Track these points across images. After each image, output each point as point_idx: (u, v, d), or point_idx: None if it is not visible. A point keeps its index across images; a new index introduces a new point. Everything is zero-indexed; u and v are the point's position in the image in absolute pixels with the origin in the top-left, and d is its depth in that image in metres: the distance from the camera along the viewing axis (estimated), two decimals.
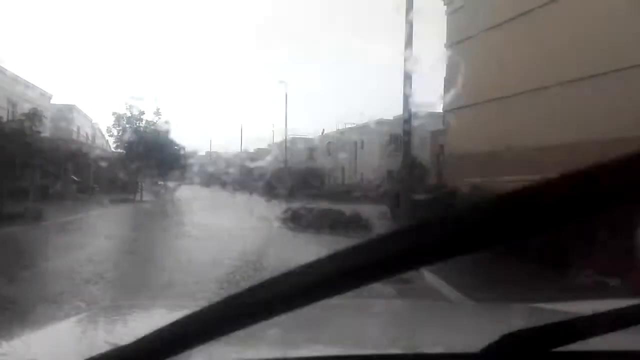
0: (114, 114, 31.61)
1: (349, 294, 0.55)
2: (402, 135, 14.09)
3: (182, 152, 48.07)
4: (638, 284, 5.21)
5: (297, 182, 44.49)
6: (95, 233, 13.97)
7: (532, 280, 7.00)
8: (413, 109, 13.68)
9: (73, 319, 1.79)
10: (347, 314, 1.92)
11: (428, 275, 8.41)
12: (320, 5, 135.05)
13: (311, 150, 56.30)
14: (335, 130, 52.93)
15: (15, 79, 30.70)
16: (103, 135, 51.17)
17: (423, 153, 29.11)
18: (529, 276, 7.37)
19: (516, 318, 1.88)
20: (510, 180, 12.22)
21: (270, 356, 1.17)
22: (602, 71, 11.47)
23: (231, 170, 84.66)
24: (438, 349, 1.15)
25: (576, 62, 12.14)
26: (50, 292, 6.51)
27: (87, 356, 0.74)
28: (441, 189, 14.52)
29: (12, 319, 5.21)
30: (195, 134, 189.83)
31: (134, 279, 7.95)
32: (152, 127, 32.64)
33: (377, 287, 7.42)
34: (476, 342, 1.13)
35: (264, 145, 75.45)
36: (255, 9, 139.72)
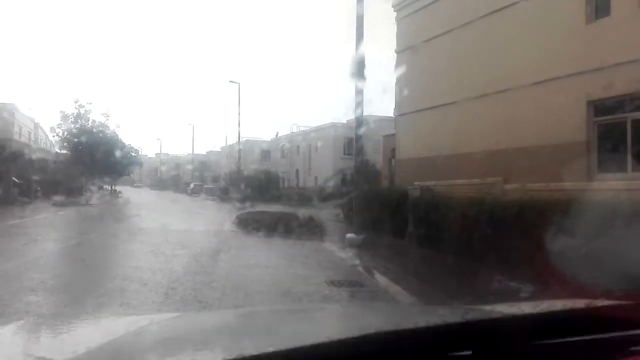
0: (60, 112, 30.44)
1: (303, 299, 0.56)
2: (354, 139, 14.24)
3: (131, 154, 46.75)
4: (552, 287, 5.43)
5: (251, 185, 44.13)
6: (38, 238, 13.35)
7: (478, 283, 7.20)
8: (366, 114, 13.85)
9: (7, 327, 1.72)
10: (298, 320, 1.93)
11: (379, 277, 8.54)
12: (276, 5, 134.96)
13: (265, 153, 56.00)
14: (289, 132, 52.91)
15: None
16: (47, 136, 49.10)
17: (375, 156, 29.60)
18: (477, 279, 7.56)
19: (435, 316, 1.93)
20: (456, 184, 12.66)
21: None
22: (538, 80, 12.08)
23: (182, 173, 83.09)
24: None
25: (520, 69, 12.68)
26: None
27: None
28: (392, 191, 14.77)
29: None
30: (145, 135, 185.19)
31: (77, 286, 7.65)
32: (100, 128, 31.54)
33: (327, 290, 7.48)
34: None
35: (216, 148, 74.71)
36: (208, 7, 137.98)
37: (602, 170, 10.85)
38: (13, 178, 30.88)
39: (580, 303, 1.65)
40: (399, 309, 2.73)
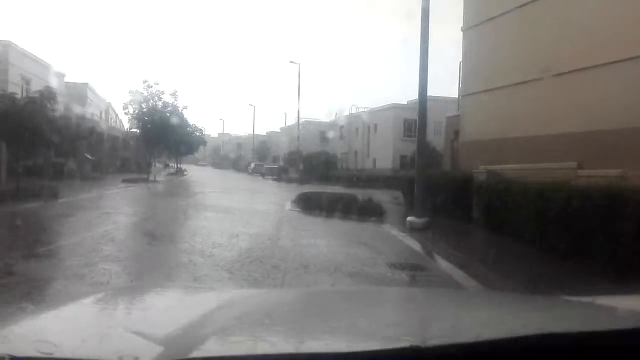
0: (130, 92, 31.65)
1: (363, 280, 0.50)
2: (416, 120, 13.88)
3: (196, 133, 48.18)
4: None
5: (310, 165, 44.44)
6: (109, 212, 14.06)
7: (552, 274, 6.84)
8: (428, 94, 13.44)
9: (86, 300, 1.76)
10: (361, 302, 1.89)
11: (441, 261, 8.34)
12: None
13: (324, 134, 56.03)
14: (348, 114, 52.63)
15: (29, 57, 30.78)
16: (117, 115, 51.45)
17: (437, 138, 28.90)
18: (550, 270, 7.21)
19: (537, 310, 1.79)
20: (525, 168, 12.08)
21: (284, 350, 1.15)
22: (621, 58, 11.21)
23: (243, 152, 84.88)
24: (446, 340, 1.11)
25: (598, 48, 11.86)
26: (66, 269, 6.56)
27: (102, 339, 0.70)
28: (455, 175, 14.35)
29: (28, 295, 5.26)
30: (208, 115, 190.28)
31: (148, 258, 7.99)
32: (169, 107, 32.61)
33: (388, 272, 7.40)
34: (495, 332, 1.08)
35: (276, 129, 75.57)
36: None
37: None
38: (86, 154, 32.64)
39: None
40: (493, 297, 2.53)
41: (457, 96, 23.02)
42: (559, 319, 1.53)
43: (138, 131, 35.25)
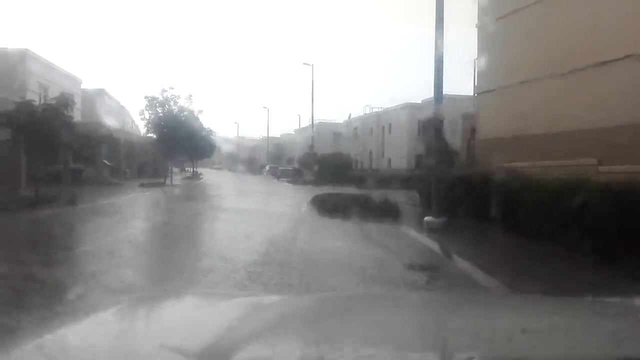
0: (146, 97, 31.86)
1: (381, 282, 0.46)
2: (432, 119, 13.75)
3: (212, 137, 48.46)
4: None
5: (324, 167, 44.43)
6: (128, 217, 14.20)
7: (578, 272, 6.67)
8: (443, 92, 13.30)
9: (109, 311, 1.71)
10: (380, 306, 1.84)
11: (460, 262, 8.24)
12: None
13: (338, 135, 55.97)
14: (362, 114, 52.49)
15: (47, 64, 31.29)
16: (133, 120, 52.02)
17: (453, 137, 28.65)
18: (576, 268, 7.03)
19: (575, 313, 1.66)
20: (543, 165, 11.90)
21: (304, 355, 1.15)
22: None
23: (258, 155, 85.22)
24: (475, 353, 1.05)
25: (614, 42, 11.63)
26: (86, 275, 6.61)
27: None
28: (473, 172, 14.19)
29: (49, 302, 5.31)
30: (223, 118, 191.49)
31: (167, 263, 8.02)
32: (185, 112, 32.80)
33: (406, 273, 7.33)
34: (534, 343, 1.02)
35: (290, 131, 75.73)
36: None
37: None
38: (104, 160, 33.02)
39: None
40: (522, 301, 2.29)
41: (471, 94, 22.82)
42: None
43: (154, 136, 35.54)
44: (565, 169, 9.66)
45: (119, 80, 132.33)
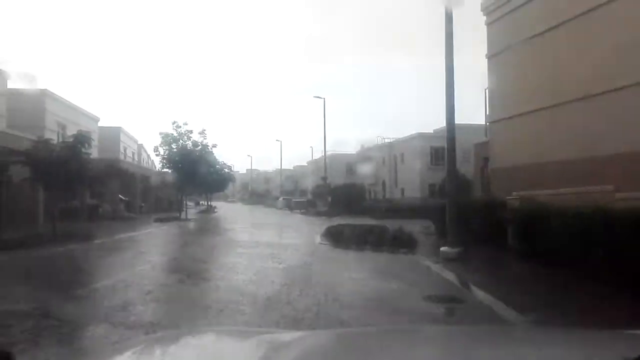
0: (161, 133, 32.34)
1: (400, 314, 0.46)
2: (444, 148, 13.75)
3: (226, 170, 48.88)
4: None
5: (338, 198, 44.40)
6: (144, 251, 14.26)
7: (602, 302, 6.50)
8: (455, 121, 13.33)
9: (127, 354, 1.68)
10: (399, 342, 1.80)
11: (478, 292, 8.10)
12: (358, 18, 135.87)
13: (351, 165, 56.10)
14: (374, 144, 52.65)
15: (65, 104, 32.18)
16: (148, 155, 52.79)
17: (465, 166, 28.54)
18: (599, 297, 6.85)
19: (598, 347, 1.61)
20: (559, 193, 11.79)
21: None
22: None
23: (271, 187, 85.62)
24: None
25: (624, 69, 11.67)
26: (103, 311, 6.61)
27: None
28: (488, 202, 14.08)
29: (68, 339, 5.32)
30: (236, 151, 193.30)
31: (185, 297, 8.02)
32: (199, 147, 33.23)
33: (424, 305, 7.22)
34: None
35: (303, 163, 76.20)
36: (291, 25, 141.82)
37: None
38: (120, 195, 33.42)
39: None
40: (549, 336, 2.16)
41: (482, 123, 22.81)
42: None
43: (169, 171, 35.94)
44: (582, 196, 9.55)
45: (135, 117, 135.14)
